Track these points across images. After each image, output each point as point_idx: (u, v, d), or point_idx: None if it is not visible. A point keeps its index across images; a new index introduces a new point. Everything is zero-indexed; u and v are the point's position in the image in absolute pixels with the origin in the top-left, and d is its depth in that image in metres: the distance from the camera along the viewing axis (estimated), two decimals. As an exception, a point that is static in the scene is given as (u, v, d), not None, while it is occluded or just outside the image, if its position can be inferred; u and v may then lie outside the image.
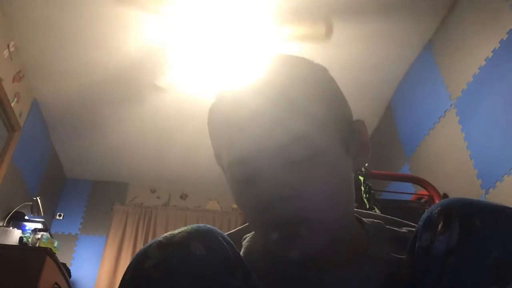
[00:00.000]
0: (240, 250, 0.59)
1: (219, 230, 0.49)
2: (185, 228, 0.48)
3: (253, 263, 0.53)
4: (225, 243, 0.48)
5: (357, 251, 0.55)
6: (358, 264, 0.53)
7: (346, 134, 0.55)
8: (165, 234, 0.48)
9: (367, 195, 1.98)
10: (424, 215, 0.48)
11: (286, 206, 0.49)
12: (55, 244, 2.88)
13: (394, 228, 0.60)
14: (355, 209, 0.61)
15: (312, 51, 2.60)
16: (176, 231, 0.48)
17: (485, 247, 0.42)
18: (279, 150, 0.50)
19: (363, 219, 0.61)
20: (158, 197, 4.16)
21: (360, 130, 0.58)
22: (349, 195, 0.56)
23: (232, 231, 0.65)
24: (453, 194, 2.28)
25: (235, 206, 3.67)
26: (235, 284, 0.45)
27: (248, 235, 0.62)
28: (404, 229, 0.60)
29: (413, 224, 0.60)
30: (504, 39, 1.99)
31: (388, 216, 0.64)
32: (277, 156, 0.50)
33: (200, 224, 0.49)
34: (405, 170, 2.83)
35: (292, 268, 0.53)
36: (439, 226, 0.45)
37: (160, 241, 0.47)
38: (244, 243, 0.61)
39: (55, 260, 2.40)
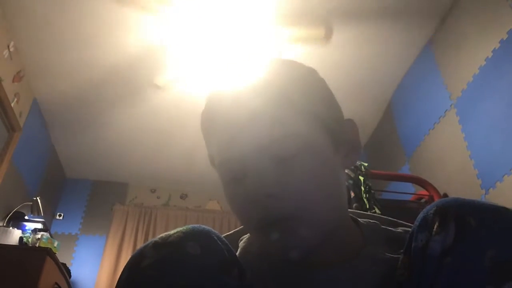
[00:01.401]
0: (237, 251, 0.59)
1: (214, 230, 0.50)
2: (181, 228, 0.49)
3: (249, 263, 0.53)
4: (220, 243, 0.48)
5: (353, 250, 0.55)
6: (354, 263, 0.53)
7: (336, 132, 0.55)
8: (161, 235, 0.49)
9: (367, 195, 1.98)
10: (420, 216, 0.48)
11: (273, 204, 0.49)
12: (55, 244, 2.88)
13: (389, 228, 0.60)
14: (350, 210, 0.61)
15: (313, 52, 2.60)
16: (172, 232, 0.49)
17: (481, 247, 0.42)
18: (268, 147, 0.50)
19: (358, 219, 0.61)
20: (158, 197, 4.16)
21: (350, 129, 0.58)
22: (339, 193, 0.55)
23: (230, 232, 0.65)
24: (453, 194, 2.28)
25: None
26: (230, 283, 0.46)
27: (244, 236, 0.62)
28: (399, 229, 0.59)
29: (409, 224, 0.60)
30: (504, 39, 1.98)
31: (384, 216, 0.64)
32: (265, 154, 0.50)
33: (196, 225, 0.50)
34: (405, 170, 2.83)
35: (287, 268, 0.53)
36: (435, 227, 0.45)
37: (156, 241, 0.48)
38: (241, 244, 0.61)
39: (55, 260, 2.40)
